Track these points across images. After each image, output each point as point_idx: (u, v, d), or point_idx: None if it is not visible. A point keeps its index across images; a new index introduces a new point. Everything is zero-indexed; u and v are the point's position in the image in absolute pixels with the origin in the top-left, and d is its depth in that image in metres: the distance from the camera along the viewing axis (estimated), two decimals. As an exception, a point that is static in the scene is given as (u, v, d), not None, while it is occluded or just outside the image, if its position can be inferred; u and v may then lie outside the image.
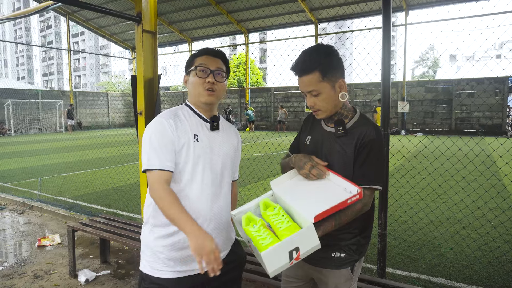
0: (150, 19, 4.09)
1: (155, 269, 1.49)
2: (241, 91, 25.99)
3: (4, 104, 23.86)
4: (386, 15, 2.83)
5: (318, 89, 1.50)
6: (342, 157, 1.53)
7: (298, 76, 1.54)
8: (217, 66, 1.56)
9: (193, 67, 1.56)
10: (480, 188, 5.78)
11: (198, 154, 1.51)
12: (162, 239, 1.49)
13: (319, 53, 1.49)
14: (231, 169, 1.66)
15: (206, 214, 1.52)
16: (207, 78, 1.53)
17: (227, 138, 1.64)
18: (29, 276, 3.49)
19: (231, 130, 1.71)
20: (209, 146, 1.55)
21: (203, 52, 1.59)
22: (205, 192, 1.52)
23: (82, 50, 67.92)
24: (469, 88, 18.98)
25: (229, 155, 1.62)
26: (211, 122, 1.58)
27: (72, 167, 9.67)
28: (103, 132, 21.50)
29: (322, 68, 1.48)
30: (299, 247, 1.28)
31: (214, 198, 1.55)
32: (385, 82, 2.85)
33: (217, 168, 1.57)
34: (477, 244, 4.02)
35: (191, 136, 1.51)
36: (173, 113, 1.55)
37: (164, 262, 1.48)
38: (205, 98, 1.54)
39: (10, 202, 6.22)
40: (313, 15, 18.30)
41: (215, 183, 1.55)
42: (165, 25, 20.75)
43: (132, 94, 4.20)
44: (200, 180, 1.52)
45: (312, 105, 1.55)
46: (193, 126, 1.54)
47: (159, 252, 1.49)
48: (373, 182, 1.49)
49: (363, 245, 1.62)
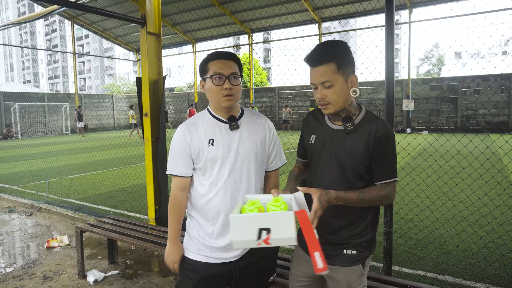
0: (154, 21, 4.13)
1: (189, 251, 1.74)
2: (245, 91, 26.02)
3: (11, 107, 24.09)
4: (389, 13, 2.84)
5: (332, 81, 1.49)
6: (353, 154, 1.54)
7: (312, 67, 1.53)
8: (231, 70, 1.62)
9: (208, 75, 1.62)
10: (486, 185, 5.76)
11: (214, 157, 1.63)
12: (199, 228, 1.72)
13: (336, 46, 1.52)
14: (258, 162, 1.72)
15: (227, 211, 1.65)
16: (224, 85, 1.60)
17: (250, 134, 1.70)
18: (38, 277, 3.54)
19: (257, 124, 1.75)
20: (227, 147, 1.64)
21: (215, 56, 1.65)
22: (225, 191, 1.65)
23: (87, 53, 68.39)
24: (474, 86, 18.86)
25: (252, 150, 1.69)
26: (229, 123, 1.66)
27: (79, 169, 9.76)
28: (109, 134, 21.63)
29: (338, 60, 1.49)
30: (270, 228, 1.21)
31: (235, 195, 1.66)
32: (389, 80, 2.85)
33: (237, 166, 1.65)
34: (484, 241, 4.00)
35: (205, 142, 1.65)
36: (192, 121, 1.71)
37: (197, 246, 1.72)
38: (225, 104, 1.63)
39: (18, 205, 6.30)
40: (316, 14, 18.28)
41: (235, 181, 1.66)
42: (169, 26, 20.82)
43: (138, 96, 4.24)
44: (218, 180, 1.65)
45: (323, 97, 1.53)
46: (208, 130, 1.66)
47: (194, 237, 1.74)
48: (395, 175, 1.55)
49: (373, 242, 1.64)
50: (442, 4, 15.75)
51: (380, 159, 1.52)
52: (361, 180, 1.56)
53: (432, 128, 19.79)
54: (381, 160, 1.53)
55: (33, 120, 25.00)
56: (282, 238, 1.21)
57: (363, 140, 1.53)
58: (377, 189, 1.52)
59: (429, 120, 20.07)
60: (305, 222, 1.20)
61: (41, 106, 25.96)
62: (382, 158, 1.52)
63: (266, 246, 1.22)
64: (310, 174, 1.71)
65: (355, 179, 1.56)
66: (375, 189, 1.52)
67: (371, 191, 1.51)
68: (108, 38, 24.21)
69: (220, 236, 1.68)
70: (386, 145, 1.52)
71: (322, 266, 1.19)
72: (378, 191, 1.51)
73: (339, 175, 1.57)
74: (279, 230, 1.20)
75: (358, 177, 1.56)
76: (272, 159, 1.82)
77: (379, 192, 1.51)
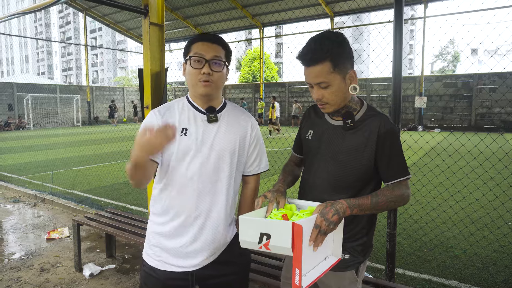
0: (157, 11, 4.03)
1: (147, 254, 1.54)
2: (255, 86, 25.88)
3: (23, 98, 24.43)
4: (398, 7, 2.70)
5: (328, 81, 1.37)
6: (352, 151, 1.44)
7: (306, 66, 1.40)
8: (214, 54, 1.44)
9: (188, 56, 1.46)
10: (497, 188, 5.55)
11: (184, 148, 1.45)
12: (156, 225, 1.53)
13: (331, 41, 1.35)
14: (234, 163, 1.53)
15: (191, 210, 1.47)
16: (202, 69, 1.42)
17: (229, 130, 1.52)
18: (35, 269, 3.52)
19: (239, 120, 1.57)
20: (201, 139, 1.46)
21: (199, 38, 1.48)
22: (190, 187, 1.46)
23: (99, 46, 68.99)
24: (490, 83, 18.38)
25: (228, 148, 1.50)
26: (207, 114, 1.49)
27: (86, 160, 9.80)
28: (119, 127, 21.77)
29: (333, 58, 1.34)
30: (271, 235, 1.22)
31: (202, 194, 1.47)
32: (396, 77, 2.72)
33: (209, 162, 1.47)
34: (493, 246, 3.85)
35: (177, 131, 1.45)
36: (167, 106, 1.52)
37: (153, 250, 1.52)
38: (201, 90, 1.45)
39: (23, 195, 6.33)
40: (329, 9, 18.00)
41: (204, 179, 1.47)
42: (180, 20, 20.76)
43: (139, 88, 4.17)
44: (184, 175, 1.46)
45: (320, 98, 1.42)
46: (184, 119, 1.48)
47: (150, 239, 1.55)
48: (407, 171, 1.43)
49: (368, 247, 1.53)
50: (458, -1, 15.32)
51: (389, 157, 1.40)
52: (358, 179, 1.45)
53: (445, 126, 19.39)
54: (389, 158, 1.41)
55: (45, 112, 25.35)
56: (280, 246, 1.22)
57: (364, 137, 1.42)
58: (391, 190, 1.38)
59: (442, 118, 19.66)
60: (297, 236, 1.18)
61: (53, 97, 26.29)
62: (390, 156, 1.40)
63: (266, 251, 1.25)
64: (305, 171, 1.61)
65: (352, 178, 1.45)
66: (388, 190, 1.38)
67: (384, 192, 1.37)
68: (120, 31, 24.27)
69: (177, 236, 1.48)
70: (392, 141, 1.40)
71: (297, 284, 1.20)
72: (392, 192, 1.37)
73: (335, 173, 1.46)
74: (278, 238, 1.22)
75: (355, 176, 1.45)
76: (252, 162, 1.62)
77: (393, 192, 1.37)
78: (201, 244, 1.49)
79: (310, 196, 1.53)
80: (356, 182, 1.45)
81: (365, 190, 1.47)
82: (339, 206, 1.28)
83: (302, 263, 1.19)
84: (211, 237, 1.51)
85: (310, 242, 1.25)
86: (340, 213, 1.27)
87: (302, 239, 1.18)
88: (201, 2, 18.35)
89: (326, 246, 1.34)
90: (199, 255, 1.50)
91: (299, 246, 1.18)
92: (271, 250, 1.24)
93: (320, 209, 1.28)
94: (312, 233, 1.25)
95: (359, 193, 1.45)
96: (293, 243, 1.19)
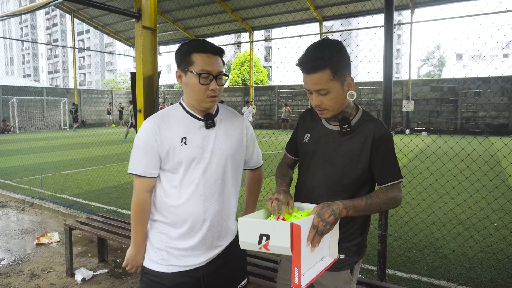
0: (150, 15, 4.04)
1: (151, 261, 1.55)
2: (245, 89, 25.93)
3: (9, 101, 23.98)
4: (389, 13, 2.77)
5: (328, 88, 1.40)
6: (348, 156, 1.49)
7: (306, 73, 1.43)
8: (219, 69, 1.47)
9: (193, 70, 1.43)
10: (483, 189, 5.69)
11: (186, 156, 1.48)
12: (162, 232, 1.55)
13: (331, 50, 1.39)
14: (234, 164, 1.60)
15: (198, 215, 1.51)
16: (210, 85, 1.45)
17: (227, 133, 1.57)
18: (26, 275, 3.47)
19: (234, 122, 1.63)
20: (201, 146, 1.50)
21: (203, 48, 1.45)
22: (196, 194, 1.50)
23: (87, 48, 68.22)
24: (475, 87, 18.79)
25: (229, 151, 1.56)
26: (205, 121, 1.52)
27: (75, 164, 9.68)
28: (107, 130, 21.56)
29: (333, 66, 1.38)
30: (270, 235, 1.25)
31: (208, 198, 1.52)
32: (386, 81, 2.79)
33: (212, 167, 1.52)
34: (480, 246, 3.94)
35: (177, 140, 1.47)
36: (161, 116, 1.51)
37: (161, 256, 1.54)
38: (207, 105, 1.49)
39: (11, 200, 6.23)
40: (318, 13, 18.19)
41: (209, 184, 1.52)
42: (170, 23, 20.71)
43: (132, 91, 4.16)
44: (190, 183, 1.50)
45: (319, 104, 1.46)
46: (182, 128, 1.49)
47: (156, 246, 1.56)
48: (400, 175, 1.49)
49: (363, 247, 1.58)
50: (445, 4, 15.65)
51: (383, 160, 1.46)
52: (354, 182, 1.50)
53: (431, 129, 19.72)
54: (383, 162, 1.46)
55: (31, 115, 24.89)
56: (279, 246, 1.25)
57: (360, 141, 1.47)
58: (384, 192, 1.44)
59: (429, 122, 20.00)
60: (296, 236, 1.22)
61: (40, 100, 25.84)
62: (384, 160, 1.46)
63: (266, 251, 1.28)
64: (301, 174, 1.65)
65: (349, 181, 1.50)
66: (382, 192, 1.45)
67: (378, 194, 1.43)
68: (108, 33, 24.08)
69: (186, 239, 1.52)
70: (387, 145, 1.46)
71: (297, 283, 1.23)
72: (385, 194, 1.43)
73: (332, 176, 1.51)
74: (277, 238, 1.25)
75: (351, 179, 1.49)
76: (252, 157, 1.75)
77: (387, 194, 1.44)
78: (210, 243, 1.56)
79: (307, 199, 1.56)
80: (352, 185, 1.50)
81: (360, 192, 1.52)
82: (336, 207, 1.33)
83: (301, 262, 1.23)
84: (219, 234, 1.58)
85: (307, 242, 1.28)
86: (336, 214, 1.32)
87: (300, 238, 1.22)
88: (191, 5, 18.35)
89: (322, 247, 1.38)
90: (209, 252, 1.57)
91: (298, 246, 1.22)
92: (270, 251, 1.27)
93: (317, 210, 1.32)
94: (309, 233, 1.29)
95: (355, 195, 1.50)
96: (292, 243, 1.22)
